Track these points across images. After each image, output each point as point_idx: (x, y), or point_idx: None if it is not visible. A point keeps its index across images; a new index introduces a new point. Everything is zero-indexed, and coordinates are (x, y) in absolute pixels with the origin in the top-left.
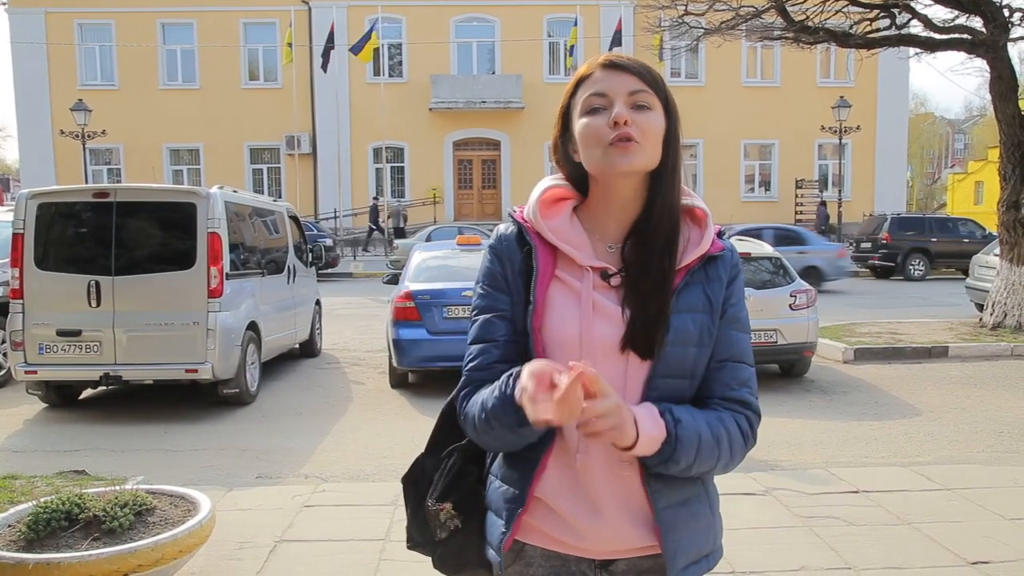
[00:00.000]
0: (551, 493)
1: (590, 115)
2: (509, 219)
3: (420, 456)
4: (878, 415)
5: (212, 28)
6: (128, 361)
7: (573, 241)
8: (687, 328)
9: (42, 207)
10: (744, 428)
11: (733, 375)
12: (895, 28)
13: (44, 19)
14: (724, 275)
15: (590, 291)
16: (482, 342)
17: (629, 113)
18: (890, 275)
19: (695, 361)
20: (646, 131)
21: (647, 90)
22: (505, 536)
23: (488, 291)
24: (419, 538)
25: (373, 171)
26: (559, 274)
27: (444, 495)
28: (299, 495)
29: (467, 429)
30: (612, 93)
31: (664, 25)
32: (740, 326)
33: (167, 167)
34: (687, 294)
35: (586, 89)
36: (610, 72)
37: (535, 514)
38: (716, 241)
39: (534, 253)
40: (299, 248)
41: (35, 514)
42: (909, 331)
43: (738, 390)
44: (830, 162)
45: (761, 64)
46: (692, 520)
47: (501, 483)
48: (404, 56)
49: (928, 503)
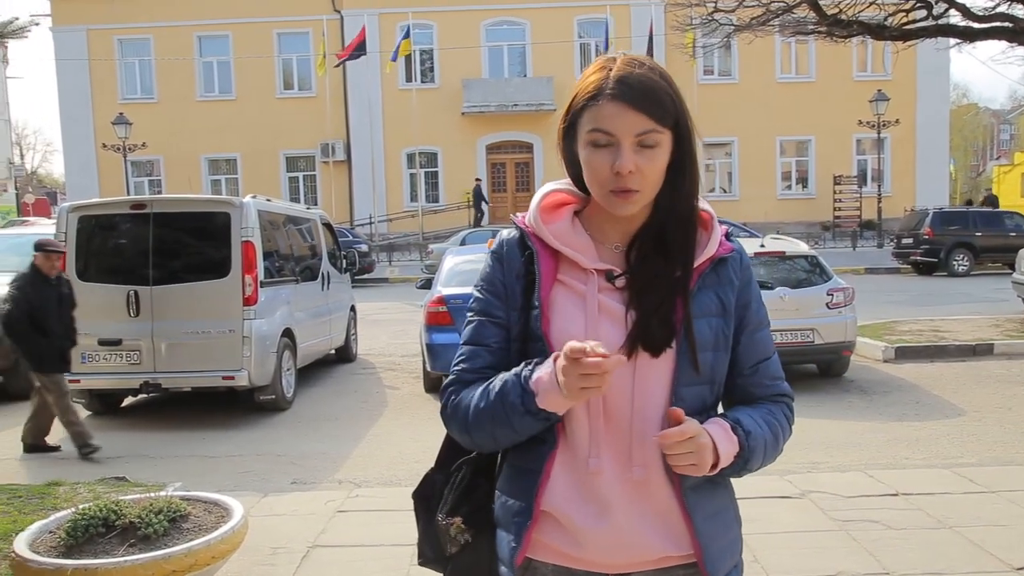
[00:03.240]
0: (558, 503)
1: (594, 148)
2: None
3: (430, 471)
4: (919, 415)
5: (247, 39)
6: (167, 369)
7: (576, 244)
8: (704, 333)
9: (82, 220)
10: (788, 415)
11: (767, 374)
12: (932, 19)
13: (86, 36)
14: (735, 277)
15: (595, 293)
16: (474, 344)
17: (634, 158)
18: (933, 271)
19: (713, 366)
20: (649, 176)
21: (656, 128)
22: (516, 551)
23: (485, 295)
24: (430, 554)
25: (407, 176)
26: (562, 278)
27: (454, 509)
28: (332, 500)
29: (452, 424)
30: (618, 134)
31: (694, 23)
32: (761, 324)
33: (206, 177)
34: (700, 298)
35: (592, 119)
36: (616, 107)
37: (543, 529)
38: (724, 242)
39: (535, 258)
40: (333, 255)
41: (74, 521)
42: (952, 328)
43: (774, 384)
44: (869, 157)
45: (796, 59)
46: (726, 531)
47: (507, 497)
48: (435, 61)
49: (971, 506)
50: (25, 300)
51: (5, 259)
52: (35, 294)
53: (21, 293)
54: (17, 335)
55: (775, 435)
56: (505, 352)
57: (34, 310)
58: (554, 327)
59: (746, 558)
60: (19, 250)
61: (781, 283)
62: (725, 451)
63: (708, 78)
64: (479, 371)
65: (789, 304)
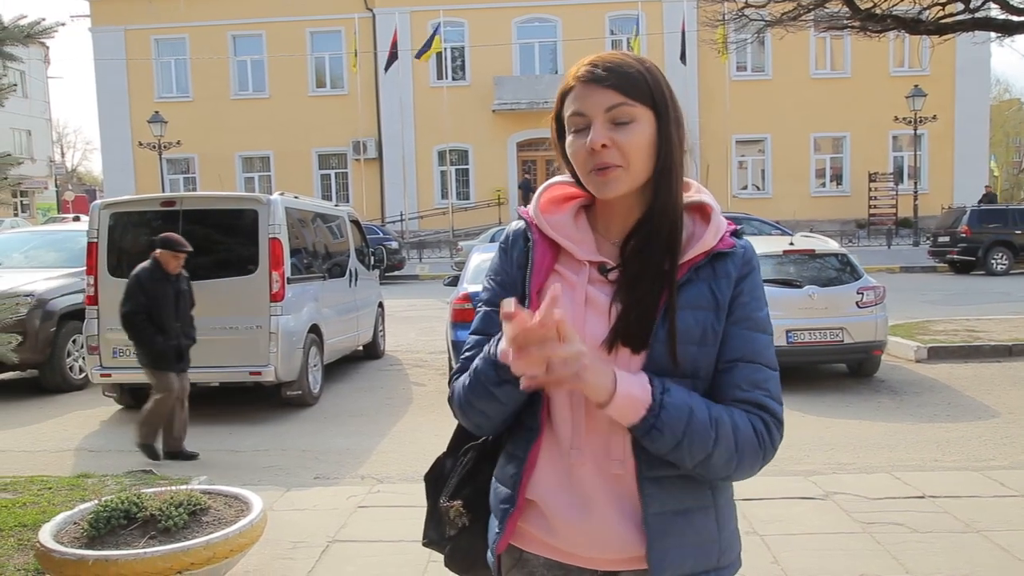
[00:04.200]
0: (542, 492)
1: (575, 134)
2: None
3: (441, 455)
4: (951, 417)
5: (280, 38)
6: (195, 364)
7: (574, 237)
8: (688, 324)
9: (114, 216)
10: (759, 428)
11: (744, 376)
12: (969, 12)
13: (124, 36)
14: (733, 272)
15: (584, 284)
16: (480, 334)
17: (609, 133)
18: (970, 270)
19: (695, 359)
20: (628, 151)
21: (627, 102)
22: (499, 537)
23: (492, 285)
24: (433, 535)
25: (438, 174)
26: (559, 268)
27: (455, 493)
28: (354, 496)
29: (455, 410)
30: (589, 112)
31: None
32: (753, 325)
33: (239, 175)
34: (690, 290)
35: (569, 105)
36: (587, 87)
37: (530, 519)
38: (727, 238)
39: (531, 248)
40: (361, 252)
41: (96, 512)
42: (988, 328)
43: (750, 391)
44: (905, 154)
45: (830, 55)
46: (689, 531)
47: (498, 484)
48: (466, 58)
49: (1000, 510)
50: (144, 295)
51: (44, 255)
52: (153, 290)
53: (140, 288)
54: (135, 331)
55: (713, 420)
56: None
57: (152, 306)
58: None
59: (766, 559)
60: (57, 246)
61: (810, 281)
62: (627, 392)
63: (741, 74)
64: None
65: (818, 303)
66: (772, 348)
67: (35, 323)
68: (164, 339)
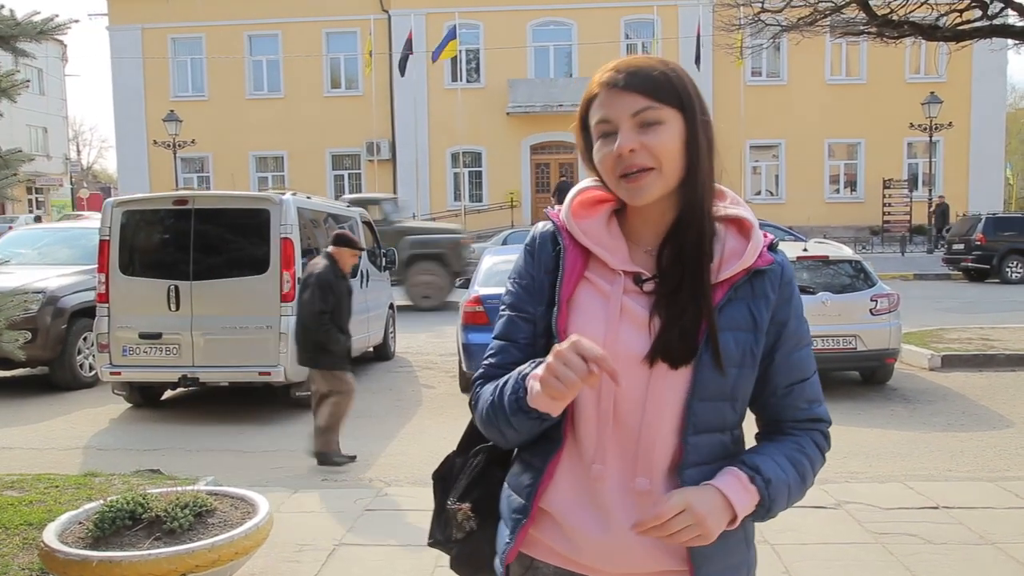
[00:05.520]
0: (559, 505)
1: (602, 140)
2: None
3: (451, 454)
4: (965, 426)
5: (296, 38)
6: (205, 363)
7: (607, 244)
8: (728, 347)
9: (127, 214)
10: (820, 443)
11: (802, 396)
12: (987, 19)
13: (141, 35)
14: (772, 292)
15: (619, 295)
16: (504, 340)
17: (637, 138)
18: (985, 278)
19: (735, 383)
20: (659, 153)
21: (653, 105)
22: (509, 546)
23: (516, 290)
24: (439, 536)
25: (451, 176)
26: (589, 276)
27: (464, 495)
28: (362, 499)
29: (476, 418)
30: (615, 118)
31: (742, 23)
32: (801, 344)
33: (253, 175)
34: (730, 311)
35: (595, 112)
36: (611, 93)
37: (542, 528)
38: (764, 254)
39: (562, 254)
40: (372, 253)
41: (101, 513)
42: (1003, 337)
43: (808, 408)
44: (920, 161)
45: (846, 61)
46: (725, 554)
47: (511, 492)
48: (481, 61)
49: (1015, 522)
50: (332, 294)
51: (58, 252)
52: (336, 288)
53: (328, 288)
54: (324, 332)
55: (801, 475)
56: (533, 347)
57: (335, 306)
58: (573, 325)
59: (777, 570)
60: (70, 243)
61: (824, 288)
62: (742, 505)
63: (756, 79)
64: (506, 367)
65: (832, 309)
66: (812, 353)
67: (46, 320)
68: (345, 339)
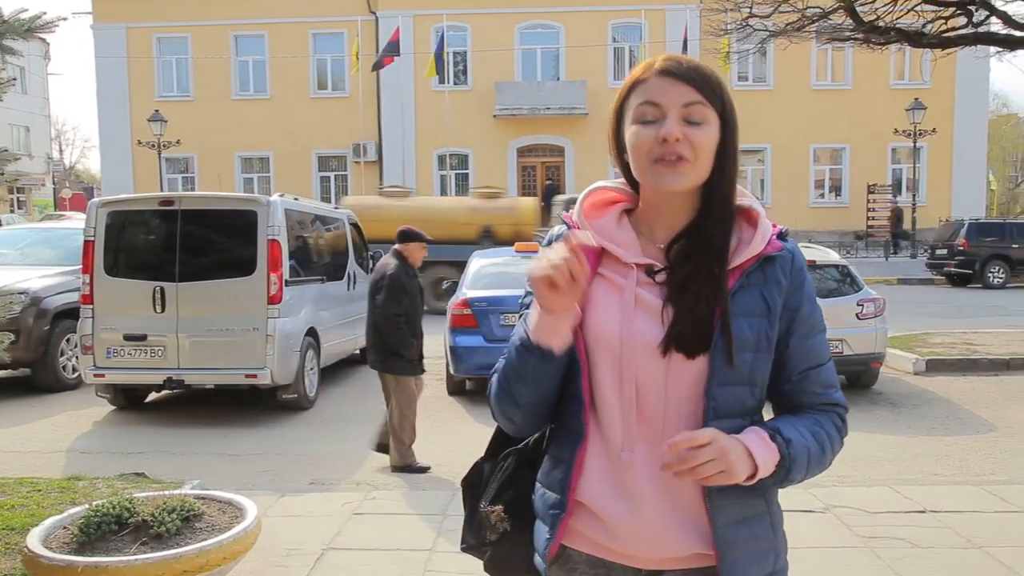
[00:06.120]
0: (592, 495)
1: (641, 124)
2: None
3: (479, 460)
4: (950, 430)
5: (283, 39)
6: (191, 366)
7: (619, 240)
8: (743, 333)
9: (112, 215)
10: (839, 425)
11: (818, 381)
12: (972, 26)
13: (125, 34)
14: (783, 278)
15: (633, 287)
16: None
17: (681, 128)
18: (967, 283)
19: (752, 367)
20: (699, 148)
21: (703, 102)
22: (550, 542)
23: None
24: (472, 540)
25: (438, 178)
26: (602, 271)
27: (497, 497)
28: (349, 502)
29: (491, 406)
30: (665, 104)
31: (729, 28)
32: (815, 329)
33: (238, 175)
34: (743, 297)
35: (640, 95)
36: (665, 80)
37: (579, 518)
38: (774, 241)
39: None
40: (360, 254)
41: (87, 517)
42: (985, 342)
43: (825, 393)
44: (904, 166)
45: (832, 66)
46: (751, 539)
47: (545, 489)
48: (469, 63)
49: (1001, 526)
50: (406, 296)
51: (39, 252)
52: (409, 289)
53: (403, 289)
54: (399, 335)
55: (821, 445)
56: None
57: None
58: (588, 319)
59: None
60: (52, 243)
61: None
62: (763, 460)
63: (742, 84)
64: None
65: None
66: (827, 340)
67: (29, 321)
68: (418, 343)
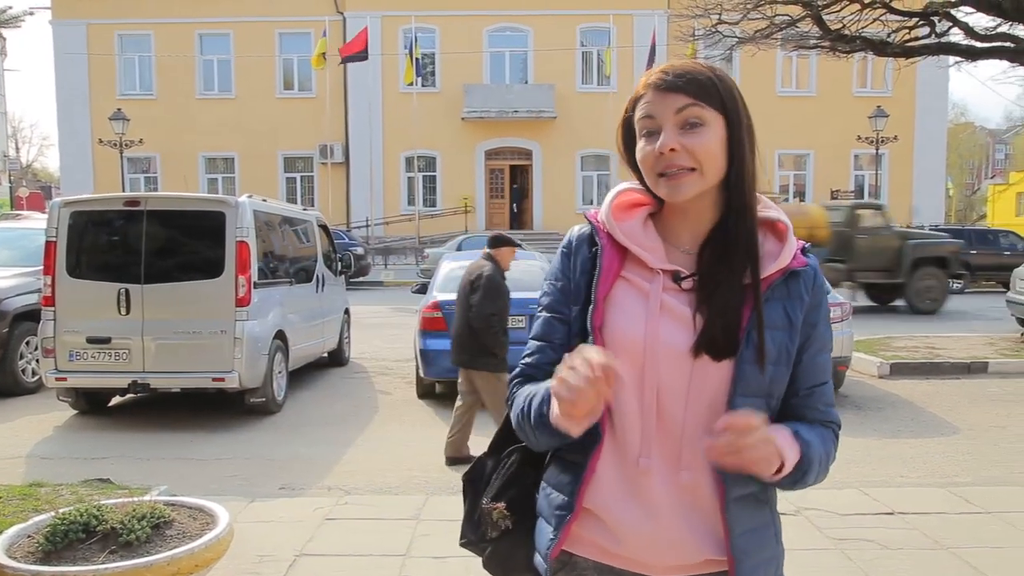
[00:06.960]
0: (602, 500)
1: (645, 138)
2: (584, 220)
3: (482, 455)
4: (914, 432)
5: (248, 39)
6: (156, 369)
7: (645, 244)
8: (767, 345)
9: (75, 215)
10: (835, 441)
11: (821, 399)
12: (935, 36)
13: (86, 31)
14: (805, 294)
15: (659, 293)
16: (541, 340)
17: (679, 137)
18: None
19: (773, 379)
20: (699, 153)
21: (697, 103)
22: (553, 543)
23: (553, 291)
24: (472, 536)
25: (405, 180)
26: (626, 275)
27: (499, 494)
28: (321, 507)
29: (512, 419)
30: (659, 115)
31: (698, 35)
32: (825, 348)
33: (202, 176)
34: (767, 310)
35: (640, 111)
36: (657, 93)
37: (585, 524)
38: (799, 256)
39: (599, 253)
40: (328, 257)
41: (53, 525)
42: (947, 346)
43: (825, 411)
44: (866, 173)
45: (796, 74)
46: (760, 548)
47: (552, 490)
48: (437, 65)
49: (967, 527)
50: (500, 297)
51: None
52: (503, 291)
53: (500, 290)
54: (490, 336)
55: (827, 454)
56: (569, 349)
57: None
58: (610, 323)
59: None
60: (11, 244)
61: None
62: (788, 457)
63: None
64: (542, 367)
65: None
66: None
67: None
68: (506, 341)
